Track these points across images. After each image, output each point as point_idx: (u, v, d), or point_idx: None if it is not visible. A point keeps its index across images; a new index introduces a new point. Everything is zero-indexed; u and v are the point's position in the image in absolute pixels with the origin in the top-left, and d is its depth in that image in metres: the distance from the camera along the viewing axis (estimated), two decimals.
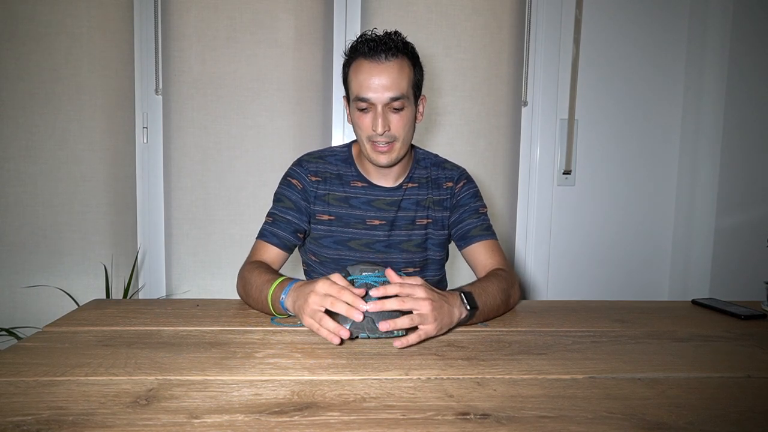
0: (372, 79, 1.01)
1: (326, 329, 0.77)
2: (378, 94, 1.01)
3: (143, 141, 1.88)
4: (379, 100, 1.01)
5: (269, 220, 1.13)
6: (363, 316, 0.78)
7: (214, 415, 0.56)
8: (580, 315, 1.00)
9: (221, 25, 1.85)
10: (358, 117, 1.05)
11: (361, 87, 1.02)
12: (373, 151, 1.06)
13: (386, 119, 1.02)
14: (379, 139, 1.03)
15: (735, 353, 0.80)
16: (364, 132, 1.05)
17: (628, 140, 2.03)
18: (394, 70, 1.01)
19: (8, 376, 0.65)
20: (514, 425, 0.55)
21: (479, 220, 1.15)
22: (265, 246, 1.11)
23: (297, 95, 1.90)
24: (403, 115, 1.04)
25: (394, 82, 1.01)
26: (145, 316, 0.92)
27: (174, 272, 1.92)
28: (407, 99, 1.04)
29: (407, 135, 1.07)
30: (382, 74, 1.01)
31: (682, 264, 2.04)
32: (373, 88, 1.01)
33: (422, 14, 1.91)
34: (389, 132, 1.03)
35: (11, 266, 1.86)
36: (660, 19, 2.00)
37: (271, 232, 1.11)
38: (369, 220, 1.13)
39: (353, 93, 1.05)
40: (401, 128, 1.04)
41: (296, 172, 1.15)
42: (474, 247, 1.13)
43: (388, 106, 1.02)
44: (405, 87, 1.03)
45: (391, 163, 1.07)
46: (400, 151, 1.07)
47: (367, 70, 1.02)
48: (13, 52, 1.79)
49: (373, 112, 1.02)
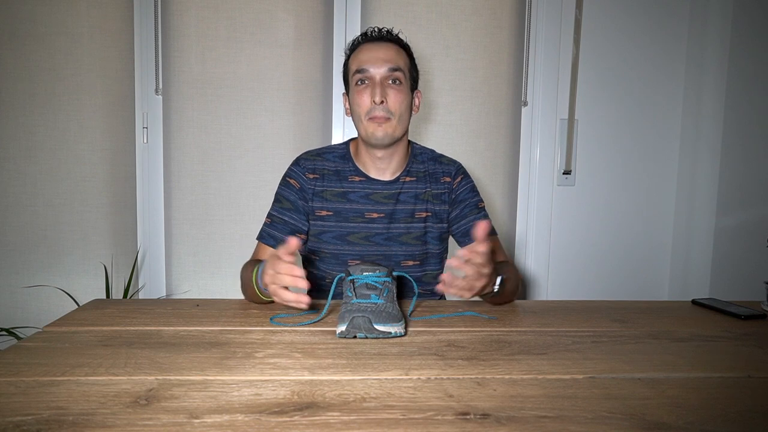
0: (371, 53, 1.08)
1: (287, 299, 0.83)
2: (377, 66, 1.07)
3: (143, 141, 1.88)
4: (377, 72, 1.07)
5: (268, 221, 1.15)
6: (362, 315, 0.80)
7: (214, 415, 0.56)
8: (580, 315, 1.00)
9: (221, 25, 1.85)
10: (356, 93, 1.09)
11: (360, 61, 1.08)
12: (370, 125, 1.08)
13: (384, 90, 1.06)
14: (377, 113, 1.06)
15: (735, 353, 0.80)
16: (363, 107, 1.08)
17: (628, 140, 2.03)
18: (392, 48, 1.09)
19: (8, 376, 0.65)
20: (514, 425, 0.55)
21: (480, 216, 1.19)
22: (263, 248, 1.13)
23: (297, 95, 1.90)
24: (400, 90, 1.08)
25: (392, 57, 1.08)
26: (145, 316, 0.92)
27: (174, 272, 1.92)
28: (404, 74, 1.09)
29: (403, 114, 1.10)
30: (380, 49, 1.08)
31: (682, 264, 2.04)
32: (372, 60, 1.07)
33: (422, 14, 1.91)
34: (386, 106, 1.06)
35: (11, 266, 1.86)
36: (660, 19, 2.00)
37: (269, 233, 1.13)
38: (368, 213, 1.14)
39: (352, 71, 1.09)
40: (398, 104, 1.07)
41: (294, 171, 1.16)
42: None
43: (386, 78, 1.07)
44: (402, 64, 1.09)
45: (388, 138, 1.09)
46: (397, 128, 1.09)
47: (367, 48, 1.09)
48: (13, 52, 1.79)
49: (371, 86, 1.07)
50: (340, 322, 0.82)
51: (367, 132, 1.09)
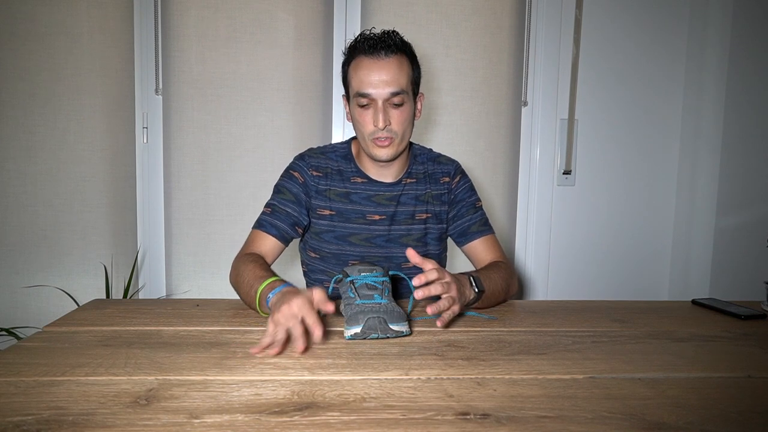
0: (372, 75, 1.03)
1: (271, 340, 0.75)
2: (378, 90, 1.03)
3: (143, 141, 1.88)
4: (379, 96, 1.03)
5: (268, 210, 1.13)
6: (377, 316, 0.80)
7: (214, 415, 0.56)
8: (580, 315, 1.00)
9: (221, 25, 1.85)
10: (358, 114, 1.06)
11: (361, 83, 1.04)
12: (373, 147, 1.07)
13: (387, 114, 1.04)
14: (380, 134, 1.05)
15: (735, 353, 0.80)
16: (366, 128, 1.06)
17: (628, 140, 2.03)
18: (393, 66, 1.03)
19: (8, 376, 0.65)
20: (514, 425, 0.55)
21: (477, 216, 1.19)
22: (262, 236, 1.10)
23: (297, 95, 1.90)
24: (403, 110, 1.06)
25: (394, 77, 1.03)
26: (145, 316, 0.92)
27: (174, 272, 1.92)
28: (407, 95, 1.06)
29: (406, 131, 1.09)
30: (382, 70, 1.03)
31: (682, 264, 2.04)
32: (373, 83, 1.03)
33: (422, 14, 1.91)
34: (390, 127, 1.05)
35: (11, 266, 1.86)
36: (660, 19, 2.00)
37: (270, 222, 1.10)
38: (369, 215, 1.14)
39: (354, 90, 1.06)
40: (401, 124, 1.06)
41: (298, 165, 1.16)
42: (474, 244, 1.18)
43: (389, 101, 1.04)
44: (404, 83, 1.05)
45: (391, 157, 1.09)
46: (400, 146, 1.08)
47: (367, 67, 1.03)
48: (13, 52, 1.79)
49: (373, 108, 1.04)
50: (352, 323, 0.81)
51: (370, 151, 1.08)
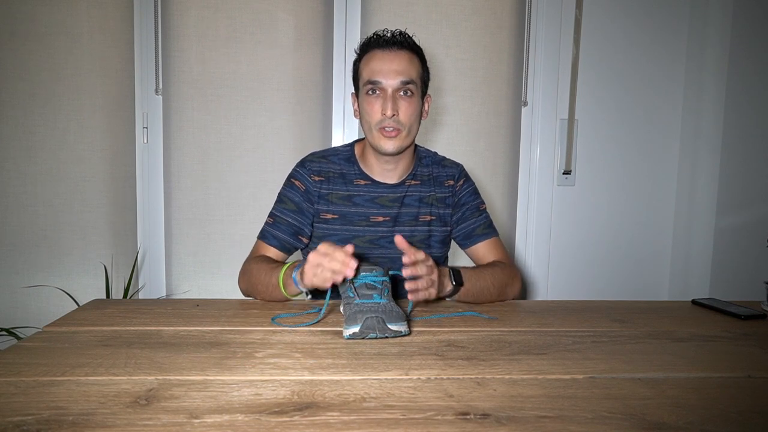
0: (384, 65, 1.05)
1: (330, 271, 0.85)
2: (389, 80, 1.05)
3: (143, 141, 1.88)
4: (389, 85, 1.05)
5: (270, 221, 1.14)
6: (375, 316, 0.81)
7: (214, 415, 0.56)
8: (580, 315, 1.00)
9: (221, 25, 1.85)
10: (367, 102, 1.07)
11: (372, 72, 1.06)
12: (380, 138, 1.07)
13: (395, 104, 1.05)
14: (388, 123, 1.05)
15: (735, 353, 0.80)
16: (373, 117, 1.07)
17: (628, 140, 2.03)
18: (405, 58, 1.06)
19: (8, 376, 0.65)
20: (514, 425, 0.55)
21: (481, 219, 1.20)
22: (264, 247, 1.13)
23: (297, 95, 1.90)
24: (411, 102, 1.07)
25: (405, 68, 1.06)
26: (145, 316, 0.92)
27: (174, 272, 1.92)
28: (416, 86, 1.07)
29: (413, 125, 1.09)
30: (393, 60, 1.06)
31: (682, 264, 2.04)
32: (384, 72, 1.05)
33: (422, 14, 1.91)
34: (397, 117, 1.05)
35: (11, 266, 1.86)
36: (660, 19, 2.00)
37: (271, 233, 1.12)
38: (373, 216, 1.14)
39: (364, 79, 1.08)
40: (409, 116, 1.07)
41: (299, 173, 1.15)
42: (478, 247, 1.19)
43: (398, 90, 1.05)
44: (414, 75, 1.07)
45: (397, 150, 1.09)
46: (406, 140, 1.09)
47: (379, 57, 1.06)
48: (13, 52, 1.79)
49: (383, 97, 1.06)
50: (351, 323, 0.81)
51: (376, 143, 1.08)
